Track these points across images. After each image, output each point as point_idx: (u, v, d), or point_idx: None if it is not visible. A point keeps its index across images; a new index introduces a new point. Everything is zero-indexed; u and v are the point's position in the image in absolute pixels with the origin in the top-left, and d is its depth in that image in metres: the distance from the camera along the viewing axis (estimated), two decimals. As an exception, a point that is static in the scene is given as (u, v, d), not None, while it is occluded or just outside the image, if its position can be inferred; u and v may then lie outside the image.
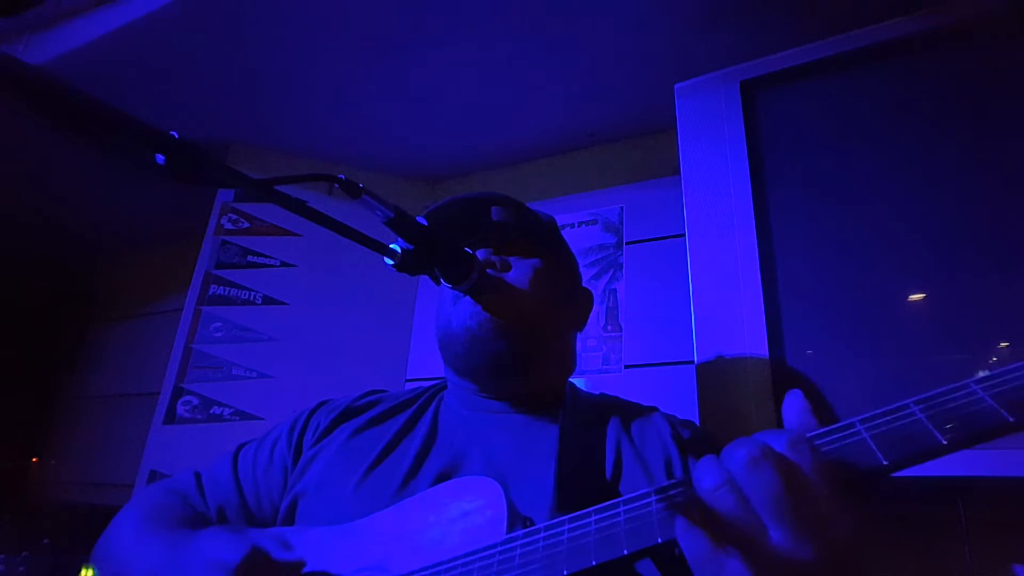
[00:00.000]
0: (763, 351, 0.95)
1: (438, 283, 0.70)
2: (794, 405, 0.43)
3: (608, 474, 0.64)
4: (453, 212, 0.77)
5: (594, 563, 0.42)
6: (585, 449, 0.66)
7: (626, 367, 1.41)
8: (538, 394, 0.74)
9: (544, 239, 0.80)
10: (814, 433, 0.41)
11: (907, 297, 0.92)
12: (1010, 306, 0.84)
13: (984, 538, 0.94)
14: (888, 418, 0.39)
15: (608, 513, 0.45)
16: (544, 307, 0.74)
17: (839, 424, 0.41)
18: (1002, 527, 0.94)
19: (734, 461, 0.38)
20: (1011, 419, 0.35)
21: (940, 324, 0.89)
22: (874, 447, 0.38)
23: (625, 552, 0.41)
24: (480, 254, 0.74)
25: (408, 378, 1.70)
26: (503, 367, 0.72)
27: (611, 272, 1.52)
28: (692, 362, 1.01)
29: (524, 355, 0.72)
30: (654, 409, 0.75)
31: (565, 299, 0.80)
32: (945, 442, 0.36)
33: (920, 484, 0.85)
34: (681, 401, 1.30)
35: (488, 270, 0.72)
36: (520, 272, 0.74)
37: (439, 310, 0.78)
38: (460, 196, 0.77)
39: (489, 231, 0.78)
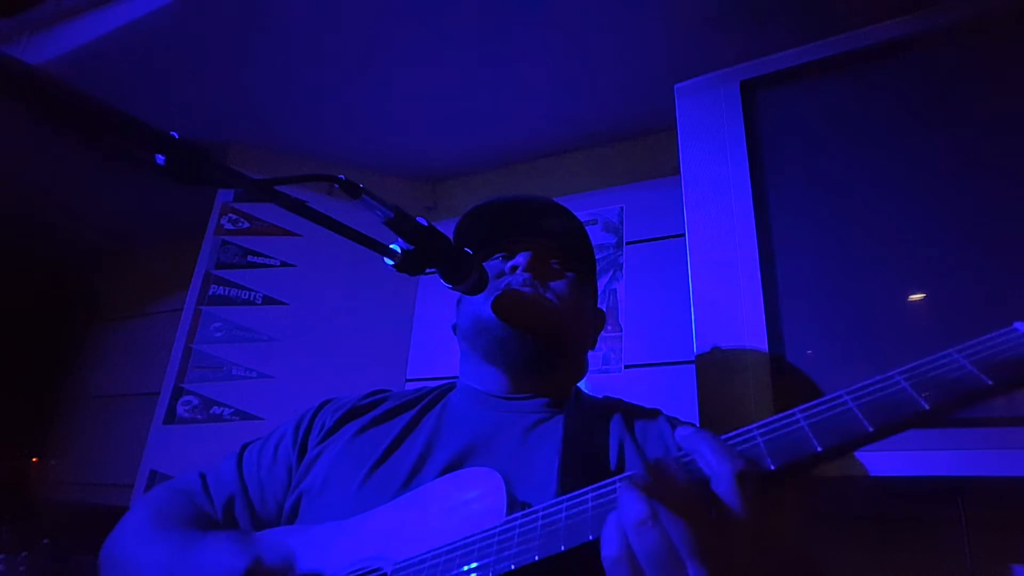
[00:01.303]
0: (763, 351, 0.95)
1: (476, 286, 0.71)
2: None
3: (611, 472, 0.64)
4: (510, 211, 0.80)
5: (591, 538, 0.43)
6: (588, 446, 0.67)
7: (626, 367, 1.41)
8: (549, 396, 0.75)
9: (583, 253, 0.84)
10: (806, 406, 0.42)
11: (907, 297, 0.92)
12: (1009, 306, 0.84)
13: (984, 538, 0.94)
14: (874, 388, 0.41)
15: (605, 490, 0.46)
16: (574, 320, 0.79)
17: (824, 398, 0.42)
18: (1002, 527, 0.95)
19: (626, 523, 0.38)
20: (990, 382, 0.37)
21: (940, 323, 0.89)
22: (860, 416, 0.39)
23: None
24: (523, 256, 0.77)
25: (408, 378, 1.69)
26: (531, 363, 0.74)
27: (611, 272, 1.52)
28: (692, 362, 1.01)
29: (552, 356, 0.75)
30: (657, 412, 0.76)
31: (589, 316, 0.85)
32: (928, 407, 0.38)
33: (920, 484, 0.85)
34: (681, 401, 1.30)
35: (528, 274, 0.75)
36: (560, 283, 0.78)
37: (467, 300, 0.79)
38: (523, 197, 0.81)
39: (539, 237, 0.81)
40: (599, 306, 0.91)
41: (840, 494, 0.99)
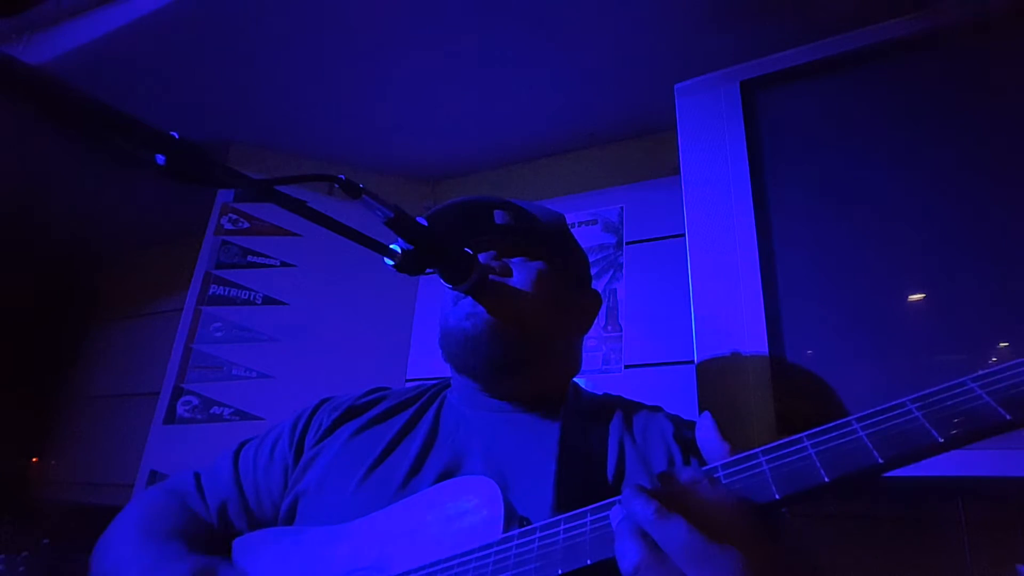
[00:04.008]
0: (763, 351, 0.95)
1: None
2: (707, 429, 0.45)
3: (610, 473, 0.64)
4: (455, 215, 0.76)
5: (588, 562, 0.42)
6: (586, 448, 0.66)
7: (626, 367, 1.41)
8: (540, 394, 0.74)
9: (549, 241, 0.79)
10: (810, 432, 0.41)
11: (907, 296, 0.92)
12: (1010, 305, 0.84)
13: (984, 538, 0.94)
14: (886, 416, 0.39)
15: (603, 514, 0.45)
16: (545, 310, 0.73)
17: (833, 424, 0.40)
18: (1002, 527, 0.94)
19: (644, 520, 0.38)
20: (1008, 417, 0.35)
21: (940, 323, 0.89)
22: (871, 446, 0.37)
23: None
24: (482, 257, 0.73)
25: (408, 378, 1.70)
26: (500, 367, 0.72)
27: (611, 272, 1.51)
28: (692, 362, 1.01)
29: (521, 357, 0.72)
30: (658, 408, 0.75)
31: (569, 301, 0.79)
32: (942, 440, 0.36)
33: (920, 484, 0.85)
34: (681, 401, 1.30)
35: (489, 275, 0.71)
36: (522, 276, 0.74)
37: (441, 308, 0.78)
38: (462, 199, 0.77)
39: (491, 235, 0.78)
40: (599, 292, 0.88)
41: (840, 494, 0.99)
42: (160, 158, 0.47)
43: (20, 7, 1.51)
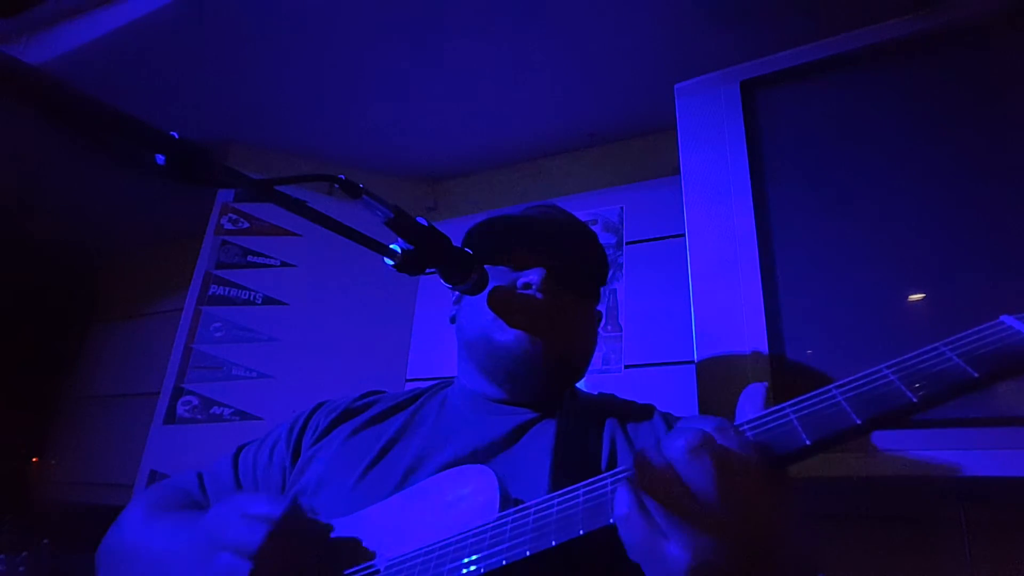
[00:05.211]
0: (763, 350, 0.95)
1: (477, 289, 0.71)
2: (752, 396, 0.47)
3: (603, 469, 0.64)
4: (532, 225, 0.78)
5: (581, 532, 0.43)
6: (581, 446, 0.67)
7: (626, 367, 1.41)
8: (545, 400, 0.75)
9: (601, 276, 0.84)
10: (794, 400, 0.43)
11: (907, 296, 0.92)
12: (1010, 305, 0.84)
13: (984, 538, 0.94)
14: (863, 382, 0.41)
15: (595, 486, 0.46)
16: (590, 346, 0.80)
17: (813, 392, 0.43)
18: (1002, 527, 0.94)
19: (675, 449, 0.39)
20: (975, 374, 0.38)
21: (940, 323, 0.89)
22: (848, 409, 0.40)
23: (611, 521, 0.42)
24: (537, 272, 0.73)
25: (408, 378, 1.69)
26: (536, 384, 0.73)
27: (611, 272, 1.51)
28: (692, 362, 1.01)
29: (560, 377, 0.75)
30: (651, 407, 0.76)
31: (596, 330, 0.85)
32: (916, 400, 0.38)
33: (920, 484, 0.85)
34: (681, 401, 1.30)
35: (541, 294, 0.72)
36: (574, 311, 0.77)
37: (475, 312, 0.75)
38: (548, 214, 0.81)
39: (556, 256, 0.77)
40: (601, 305, 0.90)
41: (840, 494, 0.99)
42: (160, 158, 0.47)
43: (20, 7, 1.51)
